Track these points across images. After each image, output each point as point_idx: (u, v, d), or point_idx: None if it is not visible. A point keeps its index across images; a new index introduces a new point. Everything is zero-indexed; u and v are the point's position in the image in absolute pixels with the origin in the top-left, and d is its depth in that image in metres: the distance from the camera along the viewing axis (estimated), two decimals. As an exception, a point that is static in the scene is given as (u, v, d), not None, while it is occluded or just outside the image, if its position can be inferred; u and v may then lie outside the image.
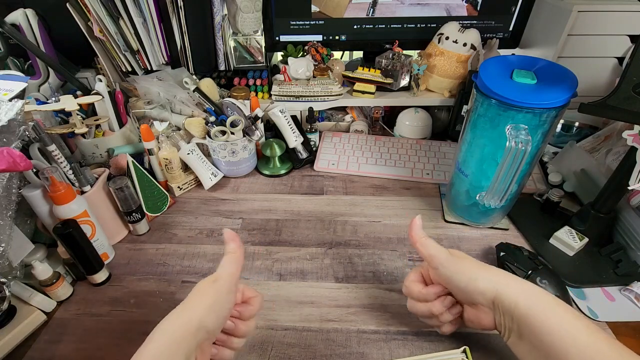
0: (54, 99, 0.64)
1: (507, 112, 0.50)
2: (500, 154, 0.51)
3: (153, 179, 0.67)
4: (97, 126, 0.69)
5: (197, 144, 0.73)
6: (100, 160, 0.70)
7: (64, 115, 0.66)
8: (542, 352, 0.35)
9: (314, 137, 0.82)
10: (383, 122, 0.91)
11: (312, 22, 0.84)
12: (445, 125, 0.88)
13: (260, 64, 0.86)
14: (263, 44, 0.86)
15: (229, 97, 0.79)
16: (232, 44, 0.83)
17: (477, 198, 0.58)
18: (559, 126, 0.84)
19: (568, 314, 0.35)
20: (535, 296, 0.37)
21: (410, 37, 0.85)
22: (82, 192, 0.57)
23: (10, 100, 0.50)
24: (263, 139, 0.80)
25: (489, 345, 0.47)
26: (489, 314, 0.41)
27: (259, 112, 0.74)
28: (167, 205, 0.69)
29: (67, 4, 0.71)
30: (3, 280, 0.47)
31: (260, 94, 0.88)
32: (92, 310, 0.53)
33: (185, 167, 0.73)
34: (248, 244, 0.62)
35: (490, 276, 0.40)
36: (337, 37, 0.87)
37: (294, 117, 0.81)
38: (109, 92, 0.68)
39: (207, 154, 0.76)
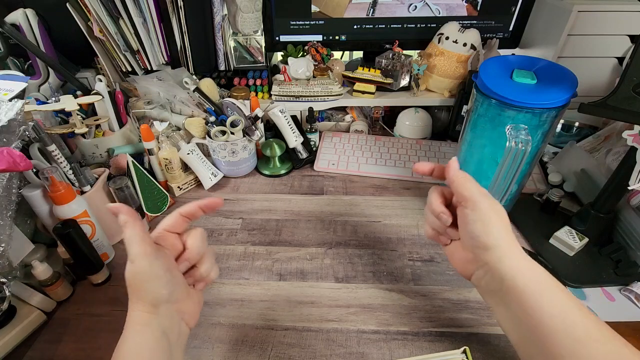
0: (54, 99, 0.64)
1: (507, 112, 0.50)
2: (500, 154, 0.51)
3: (153, 179, 0.67)
4: (97, 126, 0.69)
5: (197, 144, 0.73)
6: (100, 160, 0.70)
7: (64, 115, 0.66)
8: (528, 326, 0.35)
9: (314, 137, 0.82)
10: (383, 122, 0.91)
11: (312, 22, 0.84)
12: (445, 125, 0.88)
13: (260, 64, 0.86)
14: (263, 44, 0.86)
15: (229, 97, 0.79)
16: (232, 44, 0.83)
17: (477, 198, 0.58)
18: (559, 126, 0.84)
19: (561, 294, 0.35)
20: (533, 273, 0.37)
21: (410, 37, 0.85)
22: (82, 192, 0.57)
23: (10, 100, 0.50)
24: (263, 139, 0.80)
25: (489, 345, 0.47)
26: (470, 265, 0.40)
27: (259, 112, 0.74)
28: (167, 205, 0.69)
29: (67, 4, 0.71)
30: (3, 280, 0.47)
31: (260, 94, 0.88)
32: (92, 310, 0.53)
33: (185, 167, 0.73)
34: (248, 244, 0.62)
35: (504, 241, 0.38)
36: (337, 37, 0.87)
37: (294, 117, 0.81)
38: (109, 92, 0.68)
39: (207, 154, 0.76)
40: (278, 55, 0.97)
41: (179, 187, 0.72)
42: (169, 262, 0.37)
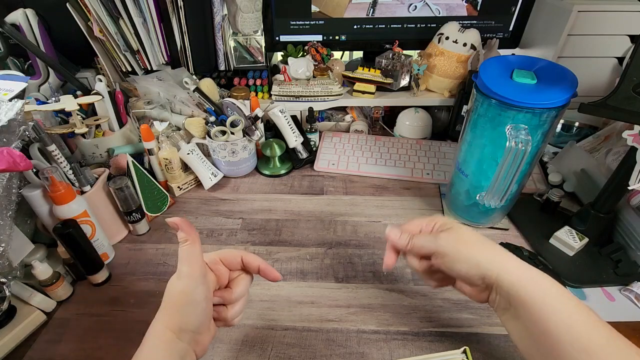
0: (54, 99, 0.64)
1: (507, 112, 0.50)
2: (500, 154, 0.51)
3: (153, 179, 0.67)
4: (97, 126, 0.69)
5: (197, 144, 0.73)
6: (100, 160, 0.70)
7: (64, 115, 0.66)
8: (536, 337, 0.35)
9: (314, 137, 0.82)
10: (383, 122, 0.91)
11: (312, 22, 0.84)
12: (445, 125, 0.88)
13: (260, 64, 0.86)
14: (263, 44, 0.86)
15: (229, 97, 0.79)
16: (232, 44, 0.83)
17: (477, 198, 0.58)
18: (559, 126, 0.84)
19: (568, 302, 0.35)
20: (536, 283, 0.37)
21: (410, 37, 0.85)
22: (82, 192, 0.57)
23: (10, 100, 0.50)
24: (263, 139, 0.80)
25: (489, 345, 0.47)
26: (483, 292, 0.40)
27: (259, 112, 0.74)
28: (167, 205, 0.69)
29: (67, 4, 0.71)
30: (3, 280, 0.47)
31: (260, 94, 0.88)
32: (92, 310, 0.53)
33: (185, 167, 0.73)
34: (248, 244, 0.62)
35: (492, 262, 0.38)
36: (337, 37, 0.87)
37: (294, 117, 0.81)
38: (109, 92, 0.68)
39: (207, 154, 0.76)
40: (278, 55, 0.97)
41: (179, 187, 0.72)
42: (209, 292, 0.37)
